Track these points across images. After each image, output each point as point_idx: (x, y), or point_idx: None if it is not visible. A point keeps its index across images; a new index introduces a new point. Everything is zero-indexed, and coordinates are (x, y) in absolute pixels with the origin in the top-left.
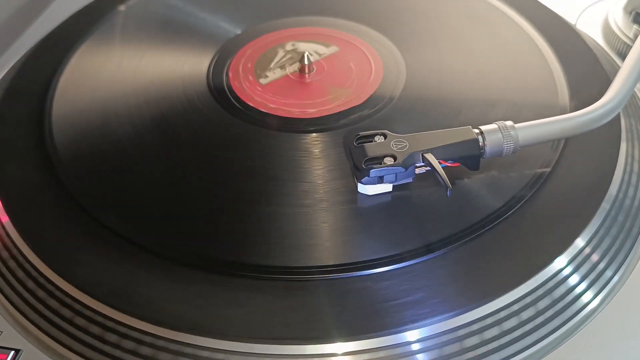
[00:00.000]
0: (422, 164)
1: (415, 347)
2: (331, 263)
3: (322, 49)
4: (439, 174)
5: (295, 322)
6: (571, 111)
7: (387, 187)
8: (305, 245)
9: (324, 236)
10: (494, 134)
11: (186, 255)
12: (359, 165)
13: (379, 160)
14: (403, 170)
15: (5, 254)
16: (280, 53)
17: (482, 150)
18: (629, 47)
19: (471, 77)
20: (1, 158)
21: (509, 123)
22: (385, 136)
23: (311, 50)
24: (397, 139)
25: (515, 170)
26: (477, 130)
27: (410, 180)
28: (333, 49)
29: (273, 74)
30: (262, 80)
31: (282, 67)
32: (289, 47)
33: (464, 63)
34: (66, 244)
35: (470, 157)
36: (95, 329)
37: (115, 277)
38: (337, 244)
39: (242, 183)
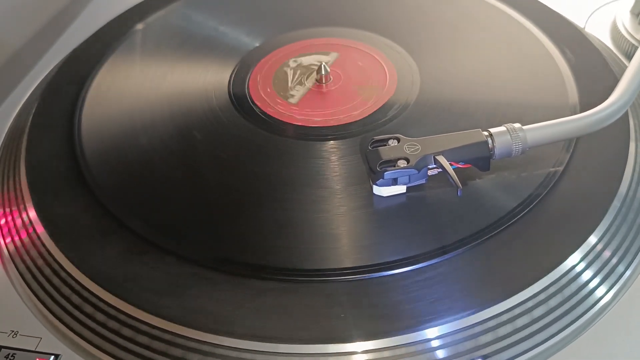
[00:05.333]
0: (434, 165)
1: (434, 344)
2: (350, 265)
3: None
4: (450, 175)
5: (316, 323)
6: (581, 112)
7: (401, 189)
8: (325, 248)
9: (342, 239)
10: (502, 135)
11: (211, 260)
12: (373, 168)
13: (392, 163)
14: (416, 172)
15: (41, 262)
16: (292, 71)
17: (491, 152)
18: (637, 49)
19: (483, 82)
20: (34, 171)
21: (517, 125)
22: (398, 140)
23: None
24: (410, 142)
25: (528, 170)
26: (486, 133)
27: (423, 181)
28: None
29: (296, 92)
30: (291, 100)
31: (301, 82)
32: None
33: (476, 68)
34: (99, 251)
35: (480, 158)
36: (128, 332)
37: (147, 280)
38: (355, 246)
39: (265, 190)
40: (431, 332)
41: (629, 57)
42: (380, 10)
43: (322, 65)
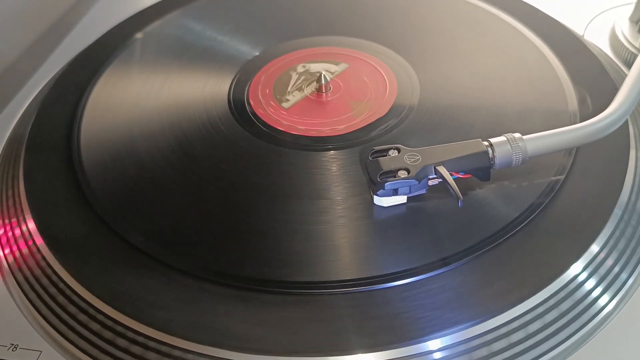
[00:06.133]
0: (435, 176)
1: (427, 358)
2: (352, 277)
3: (334, 67)
4: (450, 186)
5: (318, 335)
6: (580, 121)
7: (401, 199)
8: (326, 260)
9: (344, 251)
10: (503, 145)
11: (210, 273)
12: (374, 178)
13: (393, 173)
14: (416, 182)
15: (40, 274)
16: (295, 76)
17: (492, 162)
18: (636, 57)
19: (483, 90)
20: (33, 183)
21: (517, 135)
22: (399, 150)
23: (324, 69)
24: (410, 152)
25: (528, 180)
26: (486, 143)
27: (424, 191)
28: (344, 66)
29: (293, 97)
30: (285, 105)
31: (300, 89)
32: (300, 69)
33: (475, 76)
34: (97, 263)
35: (480, 168)
36: (122, 342)
37: (146, 293)
38: (357, 258)
39: (264, 202)
40: (426, 346)
41: (628, 64)
42: (380, 19)
43: (323, 75)
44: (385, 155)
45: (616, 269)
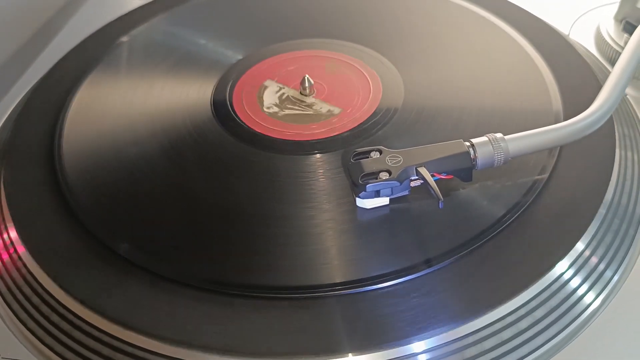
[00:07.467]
0: (417, 177)
1: (420, 358)
2: (340, 280)
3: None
4: (431, 187)
5: (308, 338)
6: (565, 119)
7: (384, 201)
8: (314, 264)
9: (332, 255)
10: (484, 146)
11: (197, 280)
12: (355, 180)
13: (375, 175)
14: (398, 184)
15: (22, 283)
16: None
17: (473, 163)
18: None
19: (467, 91)
20: (14, 190)
21: (498, 135)
22: (380, 152)
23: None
24: (392, 154)
25: (513, 179)
26: (468, 143)
27: (406, 193)
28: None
29: (276, 106)
30: (267, 111)
31: (283, 96)
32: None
33: (460, 77)
34: (80, 271)
35: (462, 169)
36: (108, 351)
37: (130, 301)
38: (345, 261)
39: (251, 207)
40: (417, 347)
41: (613, 63)
42: (365, 21)
43: (306, 78)
44: (367, 157)
45: (601, 266)
